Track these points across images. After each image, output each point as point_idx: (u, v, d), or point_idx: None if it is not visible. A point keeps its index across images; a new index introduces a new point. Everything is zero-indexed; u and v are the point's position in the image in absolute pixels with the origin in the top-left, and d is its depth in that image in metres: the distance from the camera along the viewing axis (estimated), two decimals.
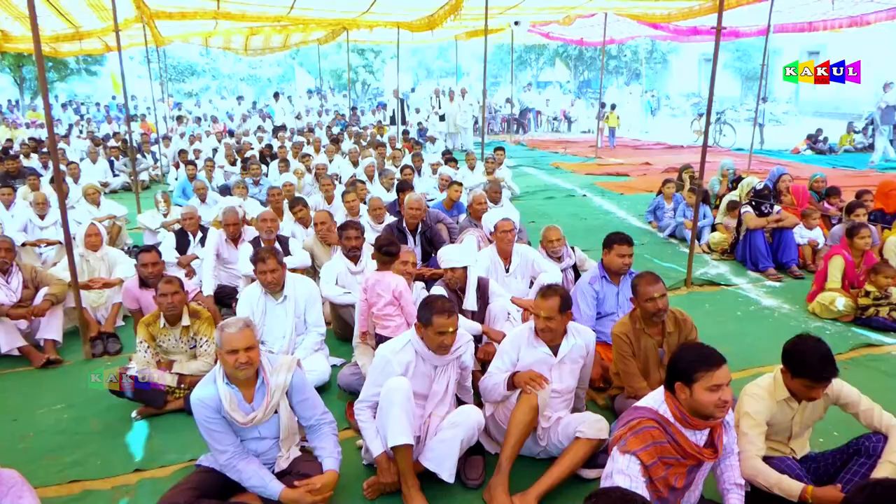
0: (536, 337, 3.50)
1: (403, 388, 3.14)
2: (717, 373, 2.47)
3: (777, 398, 2.89)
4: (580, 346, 3.58)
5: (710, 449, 2.63)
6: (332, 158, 12.06)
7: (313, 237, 6.13)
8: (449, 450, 3.20)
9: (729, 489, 2.79)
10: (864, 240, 5.85)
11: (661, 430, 2.57)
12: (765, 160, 15.20)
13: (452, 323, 3.19)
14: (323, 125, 20.36)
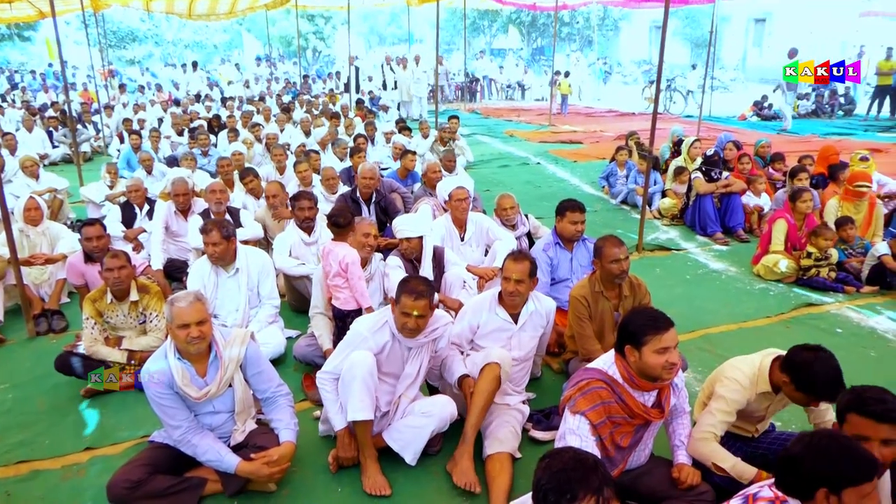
0: (499, 304, 3.53)
1: (367, 363, 3.10)
2: (665, 336, 2.53)
3: (758, 390, 2.90)
4: (541, 314, 3.64)
5: (657, 409, 2.71)
6: (283, 128, 11.81)
7: (265, 208, 6.02)
8: (417, 436, 3.23)
9: (678, 445, 2.90)
10: (806, 203, 6.05)
11: (610, 391, 2.64)
12: (713, 127, 15.49)
13: (418, 307, 3.08)
14: (273, 94, 19.87)
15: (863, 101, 19.44)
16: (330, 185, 6.66)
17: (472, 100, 24.99)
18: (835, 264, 5.83)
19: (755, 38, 33.85)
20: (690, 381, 4.10)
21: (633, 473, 2.87)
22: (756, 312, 5.29)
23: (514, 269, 3.43)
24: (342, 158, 9.00)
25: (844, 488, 1.86)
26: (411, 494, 3.13)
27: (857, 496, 1.85)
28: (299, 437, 3.19)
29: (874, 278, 5.71)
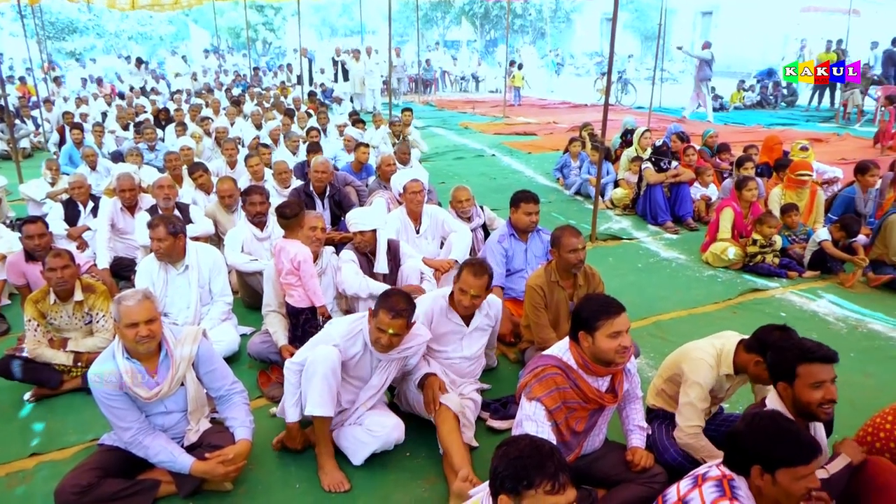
0: (450, 307, 3.53)
1: (330, 360, 3.07)
2: (617, 320, 2.57)
3: (721, 371, 2.98)
4: (490, 315, 3.69)
5: (610, 394, 2.77)
6: (233, 121, 11.56)
7: (216, 203, 5.89)
8: (362, 449, 3.22)
9: (632, 430, 2.97)
10: (752, 192, 6.23)
11: (564, 377, 2.68)
12: (663, 118, 15.80)
13: (395, 325, 3.02)
14: (222, 86, 19.46)
15: (804, 92, 20.09)
16: (282, 179, 6.56)
17: (426, 92, 24.93)
18: (779, 250, 6.03)
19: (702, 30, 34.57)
20: (643, 367, 4.19)
21: (588, 458, 2.92)
22: (705, 299, 5.44)
23: (474, 285, 3.39)
24: (294, 152, 8.87)
25: (778, 468, 1.94)
26: (370, 489, 3.12)
27: (790, 477, 1.93)
28: (255, 435, 3.15)
29: (815, 263, 5.93)
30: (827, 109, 18.22)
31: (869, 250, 5.78)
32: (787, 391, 2.48)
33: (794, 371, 2.43)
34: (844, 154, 11.09)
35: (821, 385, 2.39)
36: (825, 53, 17.59)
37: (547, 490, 1.72)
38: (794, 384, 2.43)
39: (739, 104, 19.47)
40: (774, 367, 2.55)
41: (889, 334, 4.79)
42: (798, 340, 2.55)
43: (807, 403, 2.40)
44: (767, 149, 8.31)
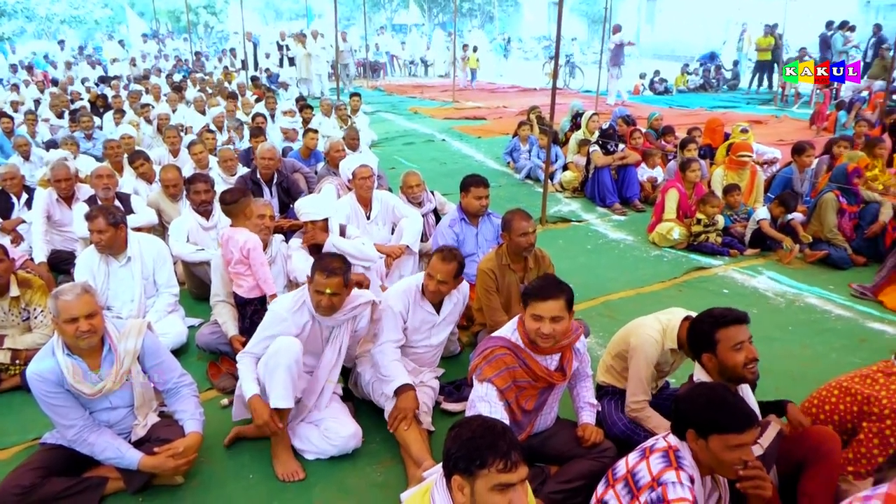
0: (422, 296, 3.51)
1: (293, 351, 3.04)
2: (540, 305, 2.62)
3: (666, 346, 3.04)
4: (459, 302, 3.70)
5: (559, 373, 2.82)
6: (175, 108, 11.22)
7: (158, 192, 5.72)
8: (318, 451, 3.21)
9: (582, 407, 3.03)
10: (695, 173, 6.41)
11: (514, 356, 2.72)
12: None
13: (331, 284, 3.02)
14: (162, 72, 18.84)
15: (746, 75, 20.66)
16: (228, 166, 6.41)
17: (375, 76, 24.68)
18: (721, 230, 6.21)
19: (647, 14, 35.24)
20: (593, 345, 4.28)
21: (540, 436, 2.97)
22: (652, 278, 5.57)
23: (441, 270, 3.37)
24: (241, 138, 8.68)
25: (711, 433, 2.02)
26: (325, 476, 3.12)
27: (722, 444, 2.01)
28: (206, 427, 3.10)
29: (755, 241, 6.13)
30: (766, 92, 18.78)
31: (806, 228, 6.01)
32: (711, 361, 2.57)
33: (714, 338, 2.53)
34: (782, 135, 11.46)
35: (741, 346, 2.50)
36: (763, 38, 18.11)
37: (500, 468, 1.74)
38: (716, 351, 2.53)
39: (683, 87, 19.90)
40: (695, 342, 2.65)
41: (824, 307, 5.00)
42: (708, 310, 2.65)
43: (733, 367, 2.51)
44: (710, 131, 8.53)
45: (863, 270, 5.66)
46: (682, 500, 1.96)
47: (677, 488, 1.98)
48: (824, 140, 8.09)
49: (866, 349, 4.26)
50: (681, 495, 1.97)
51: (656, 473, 2.04)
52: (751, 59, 20.17)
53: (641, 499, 2.03)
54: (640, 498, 2.04)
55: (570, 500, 2.80)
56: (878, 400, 2.57)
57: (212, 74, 18.24)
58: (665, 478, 2.02)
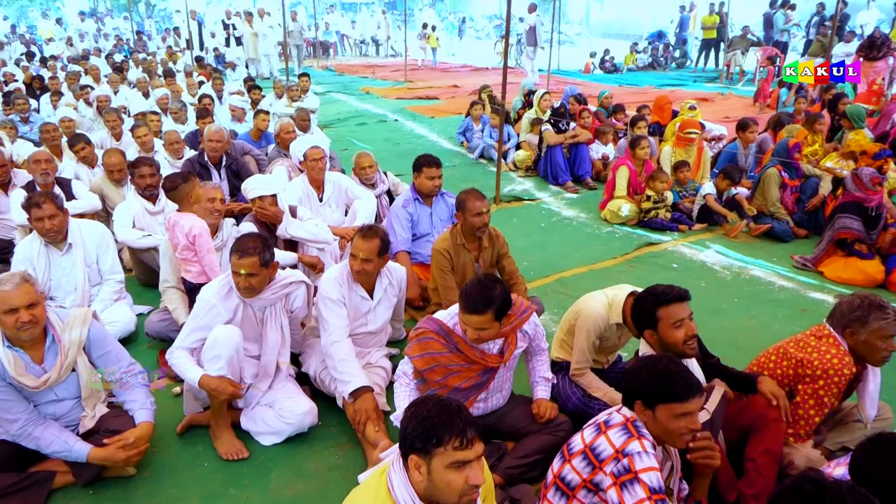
0: (354, 280, 3.47)
1: (232, 340, 2.99)
2: (467, 318, 2.63)
3: (612, 320, 3.09)
4: (394, 286, 3.63)
5: (497, 356, 2.84)
6: (116, 90, 10.84)
7: (101, 177, 5.52)
8: (274, 435, 3.18)
9: (537, 382, 3.08)
10: (644, 150, 6.51)
11: (443, 341, 2.77)
12: (561, 80, 16.14)
13: (244, 265, 2.98)
14: (102, 52, 18.15)
15: (694, 53, 21.04)
16: (174, 149, 6.22)
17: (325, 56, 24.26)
18: (670, 206, 6.34)
19: None
20: (547, 322, 4.33)
21: (495, 413, 3.01)
22: (604, 254, 5.66)
23: (362, 248, 3.30)
24: (184, 122, 8.43)
25: (657, 404, 2.08)
26: (283, 459, 3.10)
27: (667, 413, 2.07)
28: (158, 416, 3.04)
29: (703, 216, 6.29)
30: (712, 70, 19.18)
31: (750, 202, 6.19)
32: (653, 337, 2.64)
33: (655, 315, 2.60)
34: (728, 112, 11.74)
35: (681, 323, 2.57)
36: (708, 16, 18.46)
37: (455, 446, 1.75)
38: (657, 328, 2.60)
39: (632, 66, 20.16)
40: (638, 318, 2.71)
41: (768, 279, 5.17)
42: (651, 288, 2.71)
43: (673, 343, 2.57)
44: (658, 109, 8.68)
45: (804, 242, 5.87)
46: (650, 469, 2.01)
47: (643, 457, 2.03)
48: (767, 116, 8.31)
49: (807, 318, 4.43)
50: (648, 464, 2.02)
51: (620, 445, 2.07)
52: (697, 38, 20.55)
53: (606, 469, 2.06)
54: (604, 469, 2.07)
55: (526, 474, 2.86)
56: (809, 362, 2.68)
57: (155, 55, 17.64)
58: (630, 448, 2.05)
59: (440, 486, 1.78)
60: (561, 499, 2.21)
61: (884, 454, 1.83)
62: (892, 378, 3.23)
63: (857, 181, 5.11)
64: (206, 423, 3.22)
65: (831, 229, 5.20)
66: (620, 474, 2.02)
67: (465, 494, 1.78)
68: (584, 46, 22.51)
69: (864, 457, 1.88)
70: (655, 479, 2.00)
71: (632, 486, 1.99)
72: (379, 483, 1.90)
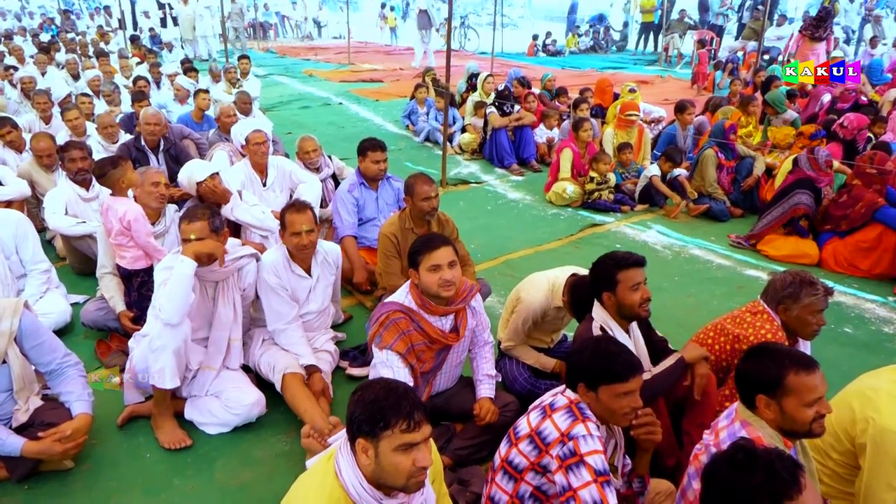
0: (292, 261, 3.42)
1: (183, 333, 2.92)
2: (435, 254, 2.66)
3: (553, 303, 3.20)
4: (329, 262, 3.60)
5: (453, 333, 2.86)
6: (44, 71, 10.33)
7: (30, 161, 5.26)
8: (220, 426, 3.13)
9: (481, 380, 3.03)
10: (587, 132, 6.61)
11: (408, 320, 2.75)
12: (505, 62, 16.18)
13: (194, 229, 2.96)
14: (27, 31, 17.26)
15: (633, 37, 21.41)
16: (108, 133, 5.98)
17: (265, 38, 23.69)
18: (613, 187, 6.47)
19: None
20: (495, 304, 4.38)
21: (444, 395, 3.03)
22: (549, 236, 5.74)
23: (302, 220, 3.28)
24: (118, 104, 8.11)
25: (599, 385, 2.13)
26: (228, 447, 3.05)
27: (610, 393, 2.12)
28: (97, 408, 2.94)
29: (644, 197, 6.44)
30: (651, 53, 19.56)
31: (689, 182, 6.37)
32: (611, 300, 2.71)
33: (615, 279, 2.67)
34: (667, 94, 12.01)
35: (638, 286, 2.68)
36: (648, 0, 18.77)
37: (403, 429, 1.75)
38: (616, 291, 2.68)
39: (574, 49, 20.38)
40: (596, 280, 2.77)
41: (706, 258, 5.35)
42: (611, 253, 2.81)
43: (630, 305, 2.67)
44: (600, 91, 8.81)
45: (740, 222, 6.08)
46: (594, 453, 2.04)
47: (588, 441, 2.06)
48: (704, 99, 8.54)
49: (744, 294, 4.60)
50: (592, 447, 2.05)
51: (565, 429, 2.10)
52: (637, 22, 20.92)
53: (552, 453, 2.08)
54: (550, 452, 2.09)
55: (475, 454, 2.89)
56: (745, 338, 2.79)
57: (84, 34, 16.87)
58: (575, 432, 2.08)
59: (388, 469, 1.78)
60: (509, 482, 2.23)
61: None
62: (820, 351, 3.39)
63: (812, 162, 5.33)
64: (147, 413, 3.14)
65: (786, 204, 5.31)
66: (566, 457, 2.05)
67: (412, 476, 1.79)
68: (527, 29, 22.59)
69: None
70: (600, 461, 2.04)
71: (577, 468, 2.02)
72: (326, 468, 1.89)
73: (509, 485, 2.23)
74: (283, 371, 3.21)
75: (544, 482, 2.16)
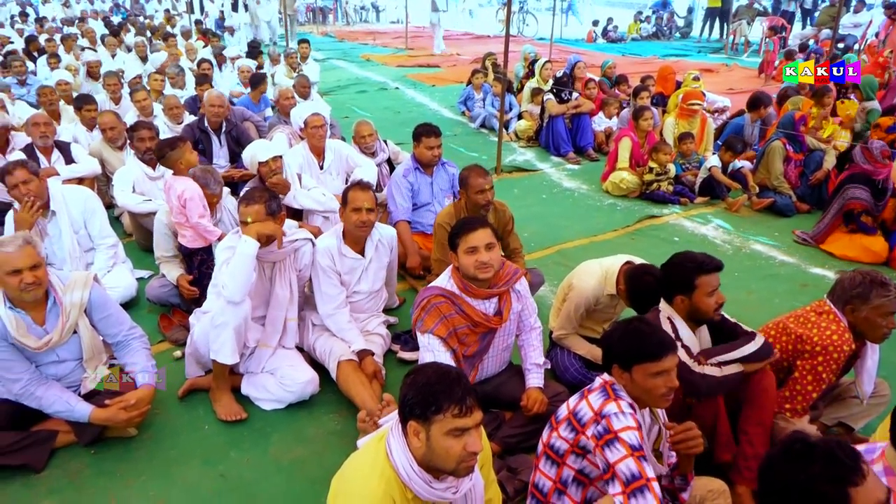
0: (344, 244, 3.47)
1: (244, 311, 3.01)
2: (472, 236, 2.66)
3: (606, 291, 3.16)
4: (384, 244, 3.63)
5: (497, 316, 2.84)
6: (114, 53, 10.70)
7: (101, 140, 5.48)
8: (274, 402, 3.21)
9: (529, 369, 3.01)
10: (648, 121, 6.46)
11: (450, 304, 2.75)
12: (564, 49, 15.93)
13: (251, 212, 3.03)
14: (99, 14, 17.88)
15: (698, 23, 20.76)
16: (174, 114, 6.16)
17: (325, 22, 23.93)
18: (673, 178, 6.31)
19: None
20: (547, 293, 4.34)
21: (493, 383, 3.02)
22: (605, 226, 5.65)
23: (366, 198, 3.35)
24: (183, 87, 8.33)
25: (632, 365, 2.10)
26: (282, 423, 3.13)
27: (643, 373, 2.09)
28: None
29: (705, 189, 6.26)
30: (717, 40, 18.93)
31: (753, 175, 6.16)
32: (684, 303, 2.62)
33: (693, 283, 2.58)
34: (732, 84, 11.62)
35: (714, 292, 2.60)
36: None
37: (454, 414, 1.76)
38: (692, 295, 2.59)
39: (636, 35, 19.89)
40: (672, 282, 2.68)
41: (769, 254, 5.17)
42: (691, 255, 2.69)
43: (705, 310, 2.60)
44: (662, 79, 8.58)
45: (806, 217, 5.85)
46: (627, 429, 2.03)
47: (620, 417, 2.05)
48: (772, 89, 8.23)
49: (808, 294, 4.43)
50: (625, 423, 2.04)
51: (598, 407, 2.10)
52: (703, 7, 20.27)
53: (588, 433, 2.08)
54: (585, 433, 2.09)
55: (524, 443, 2.89)
56: (809, 338, 2.69)
57: (152, 18, 17.38)
58: (607, 410, 2.07)
59: (438, 452, 1.79)
60: (552, 467, 2.23)
61: None
62: (890, 355, 3.25)
63: (866, 153, 5.08)
64: (206, 386, 3.25)
65: (840, 200, 5.13)
66: (601, 436, 2.05)
67: (462, 461, 1.80)
68: (588, 15, 22.13)
69: None
70: (634, 437, 2.01)
71: (613, 445, 2.01)
72: (378, 448, 1.92)
73: (552, 470, 2.24)
74: (338, 358, 3.26)
75: (586, 465, 2.16)
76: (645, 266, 3.04)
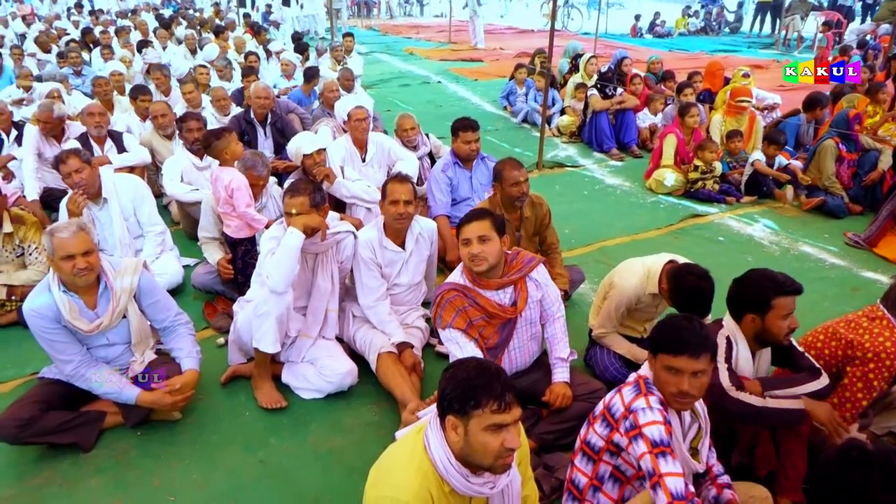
0: (384, 236, 3.49)
1: (286, 301, 3.06)
2: (466, 228, 2.69)
3: (647, 290, 3.11)
4: (425, 237, 3.63)
5: (512, 307, 2.82)
6: (165, 45, 10.95)
7: (151, 130, 5.62)
8: (314, 392, 3.26)
9: (554, 363, 2.98)
10: (694, 118, 6.32)
11: (462, 296, 2.76)
12: (609, 44, 15.71)
13: (294, 203, 3.07)
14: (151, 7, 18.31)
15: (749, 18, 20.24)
16: (221, 106, 6.28)
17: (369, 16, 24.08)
18: (718, 176, 6.17)
19: None
20: (588, 291, 4.30)
21: (531, 378, 3.00)
22: (648, 224, 5.56)
23: (402, 190, 3.37)
24: (230, 79, 8.48)
25: (657, 353, 2.12)
26: (321, 413, 3.17)
27: (661, 363, 2.10)
28: (203, 365, 3.13)
29: (752, 188, 6.10)
30: (768, 36, 18.43)
31: (804, 175, 5.98)
32: (755, 322, 2.51)
33: (770, 303, 2.47)
34: (783, 81, 11.27)
35: (789, 315, 2.48)
36: None
37: (493, 409, 1.76)
38: (766, 316, 2.48)
39: (684, 30, 19.50)
40: (745, 299, 2.55)
41: (818, 255, 5.03)
42: (770, 274, 2.56)
43: (777, 333, 2.49)
44: (710, 75, 8.39)
45: (858, 219, 5.66)
46: (652, 423, 2.02)
47: (647, 413, 2.04)
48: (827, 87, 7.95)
49: (859, 298, 4.30)
50: (651, 418, 2.03)
51: (628, 402, 2.11)
52: (754, 1, 19.75)
53: (621, 429, 2.10)
54: (619, 429, 2.11)
55: (561, 439, 2.87)
56: (860, 344, 2.60)
57: (202, 11, 17.72)
58: (636, 405, 2.08)
59: (476, 447, 1.79)
60: (588, 463, 2.24)
61: None
62: None
63: None
64: (248, 374, 3.32)
65: (894, 201, 4.96)
66: (629, 431, 2.06)
67: (500, 457, 1.79)
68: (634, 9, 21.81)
69: None
70: (657, 432, 2.01)
71: (637, 441, 2.03)
72: (416, 441, 1.93)
73: (588, 466, 2.24)
74: (378, 350, 3.29)
75: (621, 462, 2.17)
76: (689, 265, 2.97)
